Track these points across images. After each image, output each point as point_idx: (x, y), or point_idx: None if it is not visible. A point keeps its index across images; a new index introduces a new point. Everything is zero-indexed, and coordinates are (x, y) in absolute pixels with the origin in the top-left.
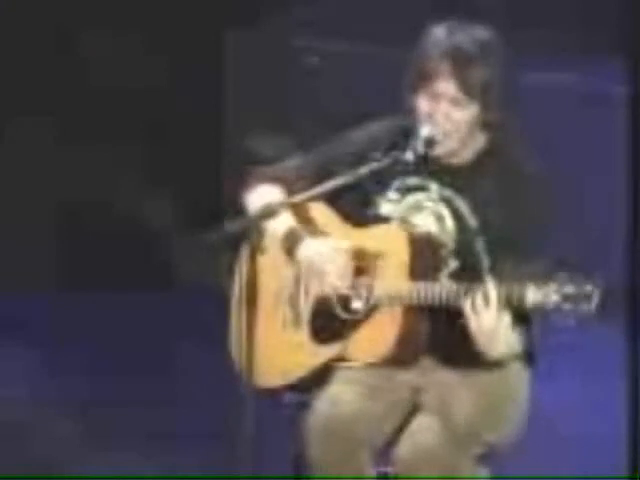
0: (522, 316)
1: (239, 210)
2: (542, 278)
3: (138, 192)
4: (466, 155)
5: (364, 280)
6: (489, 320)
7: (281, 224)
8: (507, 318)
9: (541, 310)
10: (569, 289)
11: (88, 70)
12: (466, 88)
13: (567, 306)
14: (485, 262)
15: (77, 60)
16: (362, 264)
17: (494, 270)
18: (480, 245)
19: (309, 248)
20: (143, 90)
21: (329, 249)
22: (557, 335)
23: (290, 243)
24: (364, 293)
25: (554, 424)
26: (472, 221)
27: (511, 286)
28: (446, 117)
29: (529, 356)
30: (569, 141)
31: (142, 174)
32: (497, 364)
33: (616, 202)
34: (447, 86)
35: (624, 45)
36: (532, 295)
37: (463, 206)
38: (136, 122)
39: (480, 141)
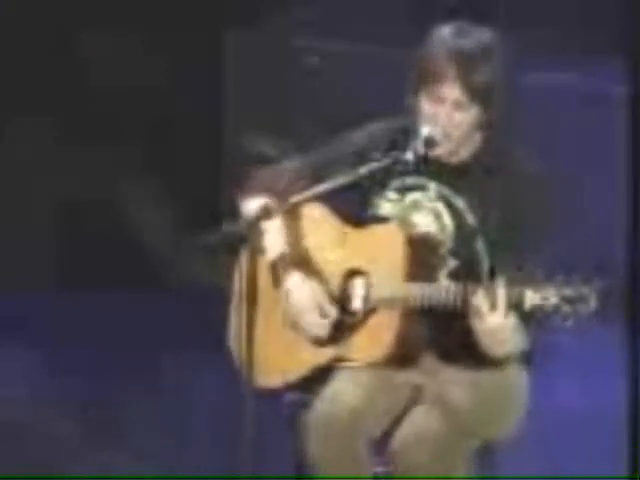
0: (524, 316)
1: (238, 211)
2: (540, 280)
3: (137, 192)
4: (463, 153)
5: (363, 281)
6: (495, 320)
7: (271, 247)
8: (513, 318)
9: (540, 312)
10: (567, 291)
11: (88, 70)
12: (470, 91)
13: (566, 308)
14: (485, 261)
15: (77, 60)
16: (361, 265)
17: (494, 270)
18: (480, 244)
19: (291, 288)
20: (143, 90)
21: (308, 295)
22: (557, 336)
23: (277, 273)
24: (363, 294)
25: (554, 424)
26: (471, 219)
27: (509, 288)
28: (448, 119)
29: (527, 356)
30: (569, 141)
31: (142, 174)
32: (499, 363)
33: (616, 202)
34: (451, 89)
35: (624, 45)
36: (530, 297)
37: (461, 204)
38: (136, 122)
39: (476, 140)
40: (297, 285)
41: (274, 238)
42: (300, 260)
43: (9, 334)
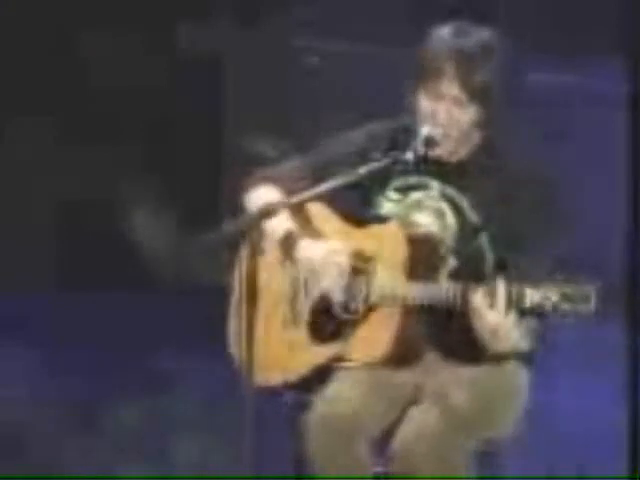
0: (524, 314)
1: (238, 210)
2: (541, 278)
3: (137, 192)
4: (462, 152)
5: (363, 280)
6: (495, 317)
7: (279, 225)
8: (513, 315)
9: (540, 310)
10: (568, 289)
11: (88, 70)
12: (468, 89)
13: (566, 306)
14: (488, 259)
15: (77, 60)
16: (361, 264)
17: (496, 268)
18: (483, 242)
19: (306, 251)
20: (143, 90)
21: (325, 252)
22: (557, 334)
23: (287, 245)
24: (363, 293)
25: (554, 424)
26: (474, 218)
27: (510, 286)
28: (447, 116)
29: (527, 355)
30: (569, 141)
31: (142, 174)
32: (500, 360)
33: (616, 201)
34: (450, 87)
35: (624, 45)
36: (531, 295)
37: (464, 203)
38: (136, 122)
39: (475, 138)
40: (311, 244)
41: (279, 221)
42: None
43: (9, 334)
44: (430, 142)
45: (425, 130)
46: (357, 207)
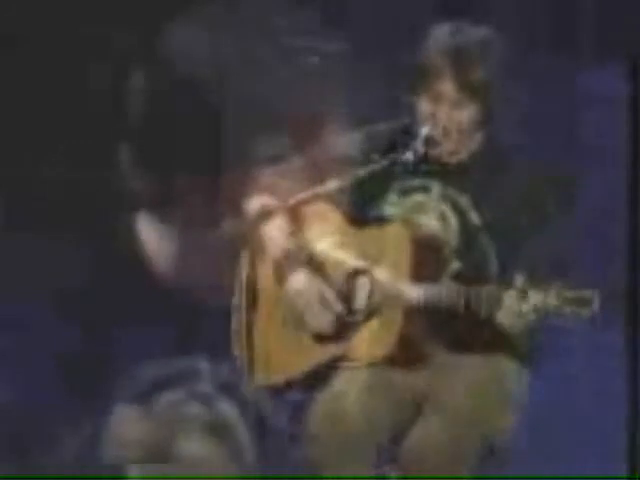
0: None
1: (238, 212)
2: (542, 281)
3: (136, 192)
4: (464, 153)
5: (365, 281)
6: (501, 320)
7: (274, 245)
8: (516, 316)
9: (542, 313)
10: (569, 293)
11: (86, 70)
12: (467, 89)
13: (567, 310)
14: (491, 260)
15: (75, 59)
16: (363, 265)
17: (499, 269)
18: (485, 243)
19: (294, 285)
20: (143, 90)
21: (312, 291)
22: (557, 335)
23: (281, 271)
24: (366, 294)
25: (554, 424)
26: (475, 219)
27: (514, 288)
28: (447, 117)
29: (528, 356)
30: (569, 141)
31: (141, 174)
32: (503, 358)
33: (616, 202)
34: (448, 87)
35: (624, 45)
36: (533, 298)
37: (465, 204)
38: (136, 122)
39: (477, 139)
40: (302, 281)
41: (277, 236)
42: (304, 258)
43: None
44: (430, 142)
45: (425, 130)
46: (359, 208)
